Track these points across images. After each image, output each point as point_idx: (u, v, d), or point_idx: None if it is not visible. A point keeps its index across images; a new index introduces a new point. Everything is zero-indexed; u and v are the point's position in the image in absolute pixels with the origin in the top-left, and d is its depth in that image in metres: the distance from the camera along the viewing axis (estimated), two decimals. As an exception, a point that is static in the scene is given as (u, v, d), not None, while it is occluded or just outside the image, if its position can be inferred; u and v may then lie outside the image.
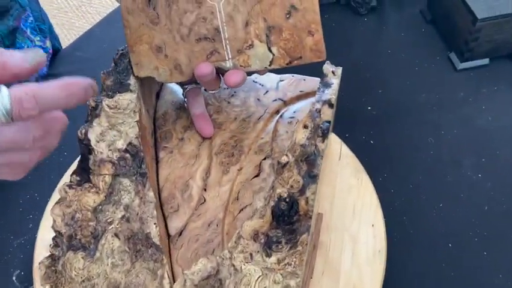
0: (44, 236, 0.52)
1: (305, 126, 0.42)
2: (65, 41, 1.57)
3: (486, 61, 0.68)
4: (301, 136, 0.42)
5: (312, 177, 0.41)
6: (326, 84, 0.48)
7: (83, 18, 1.67)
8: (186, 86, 0.51)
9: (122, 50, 0.47)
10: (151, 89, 0.53)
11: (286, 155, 0.41)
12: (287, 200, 0.39)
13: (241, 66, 0.45)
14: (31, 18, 0.67)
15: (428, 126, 0.63)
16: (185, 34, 0.44)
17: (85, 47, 0.75)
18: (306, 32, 0.44)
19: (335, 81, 0.48)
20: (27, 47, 0.66)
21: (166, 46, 0.45)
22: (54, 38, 0.77)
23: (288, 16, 0.44)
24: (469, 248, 0.53)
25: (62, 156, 0.61)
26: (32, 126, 0.32)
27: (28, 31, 0.67)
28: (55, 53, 0.75)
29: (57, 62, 0.74)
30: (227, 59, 0.45)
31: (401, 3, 0.78)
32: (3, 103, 0.30)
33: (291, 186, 0.40)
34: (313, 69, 0.51)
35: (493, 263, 0.52)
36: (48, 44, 0.71)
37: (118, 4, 0.44)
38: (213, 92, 0.51)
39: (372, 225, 0.52)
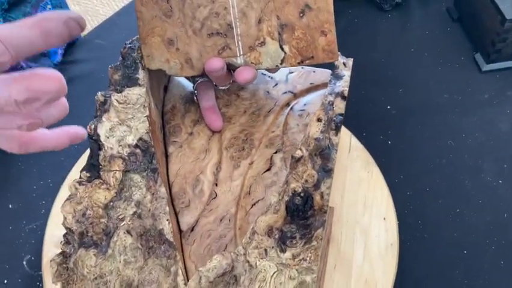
0: (53, 232, 0.51)
1: (319, 120, 0.42)
2: (89, 28, 1.55)
3: (513, 63, 0.66)
4: (315, 130, 0.41)
5: (326, 171, 0.40)
6: (338, 76, 0.47)
7: (107, 6, 1.64)
8: (197, 79, 0.50)
9: (130, 43, 0.46)
10: (159, 82, 0.52)
11: (300, 149, 0.40)
12: (302, 194, 0.39)
13: (252, 63, 0.45)
14: (49, 6, 0.66)
15: (449, 129, 0.62)
16: (198, 28, 0.44)
17: (104, 35, 0.74)
18: (319, 32, 0.43)
19: (346, 73, 0.48)
20: None
21: (178, 39, 0.44)
22: None
23: (301, 15, 0.43)
24: (485, 257, 0.51)
25: (76, 144, 0.60)
26: (12, 86, 0.29)
27: None
28: (73, 41, 0.73)
29: (75, 50, 0.72)
30: (238, 55, 0.44)
31: (426, 0, 0.76)
32: None
33: (306, 181, 0.39)
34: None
35: (510, 273, 0.50)
36: None
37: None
38: (224, 87, 0.50)
39: (384, 219, 0.52)
